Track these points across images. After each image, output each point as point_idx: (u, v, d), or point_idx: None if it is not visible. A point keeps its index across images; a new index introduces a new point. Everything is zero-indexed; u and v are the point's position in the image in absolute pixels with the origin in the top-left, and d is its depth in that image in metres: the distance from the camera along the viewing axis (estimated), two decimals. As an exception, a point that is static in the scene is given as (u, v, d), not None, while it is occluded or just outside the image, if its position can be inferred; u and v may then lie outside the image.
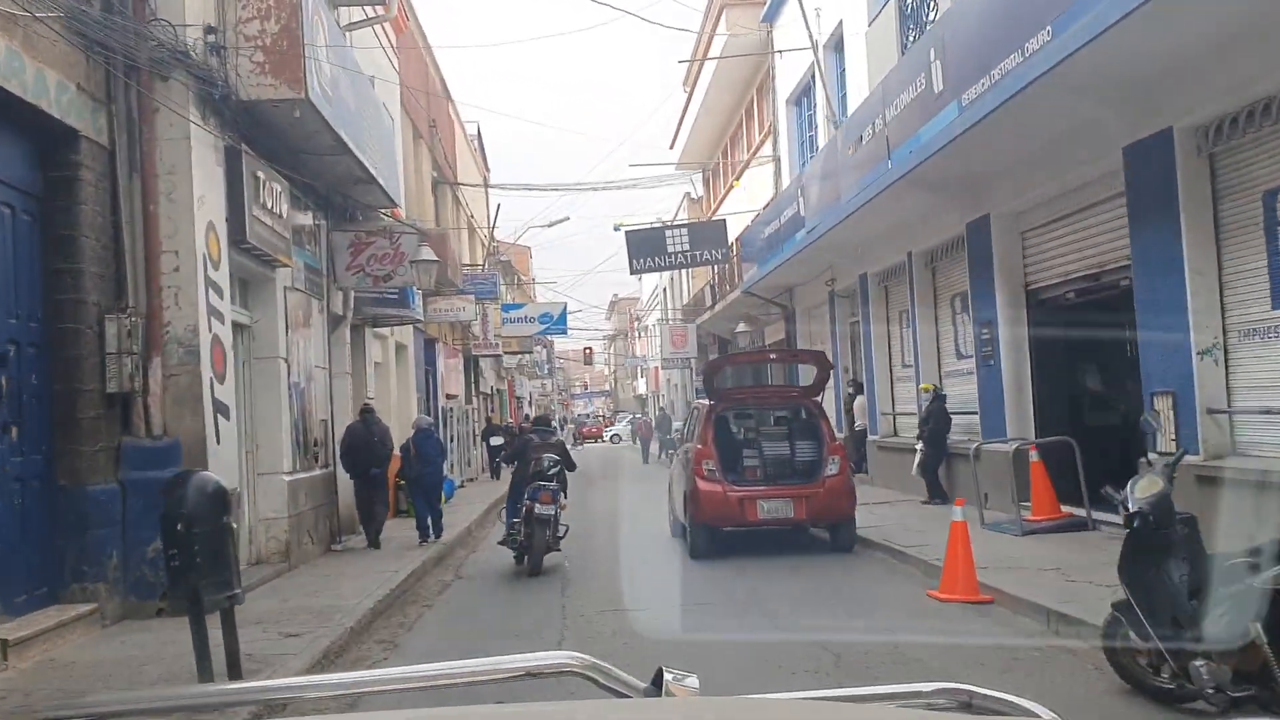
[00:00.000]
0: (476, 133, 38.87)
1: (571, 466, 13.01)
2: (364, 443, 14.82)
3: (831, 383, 16.20)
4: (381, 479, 15.18)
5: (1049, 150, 11.66)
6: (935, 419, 14.90)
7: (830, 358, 22.47)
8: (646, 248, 27.61)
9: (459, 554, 14.62)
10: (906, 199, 14.26)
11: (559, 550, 12.05)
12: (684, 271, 40.00)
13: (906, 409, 17.13)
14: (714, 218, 29.86)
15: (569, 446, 14.77)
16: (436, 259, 14.65)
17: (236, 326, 11.41)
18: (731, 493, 11.46)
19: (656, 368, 54.27)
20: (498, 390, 41.07)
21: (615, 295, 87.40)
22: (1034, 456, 11.84)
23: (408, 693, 1.66)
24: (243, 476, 11.68)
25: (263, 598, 10.05)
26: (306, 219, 13.41)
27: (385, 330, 18.54)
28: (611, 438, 56.34)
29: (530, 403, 58.42)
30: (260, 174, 10.75)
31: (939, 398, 15.07)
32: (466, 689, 1.74)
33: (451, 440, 25.74)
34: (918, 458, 14.99)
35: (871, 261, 18.23)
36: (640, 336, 67.68)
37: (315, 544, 13.05)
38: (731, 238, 27.51)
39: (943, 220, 14.84)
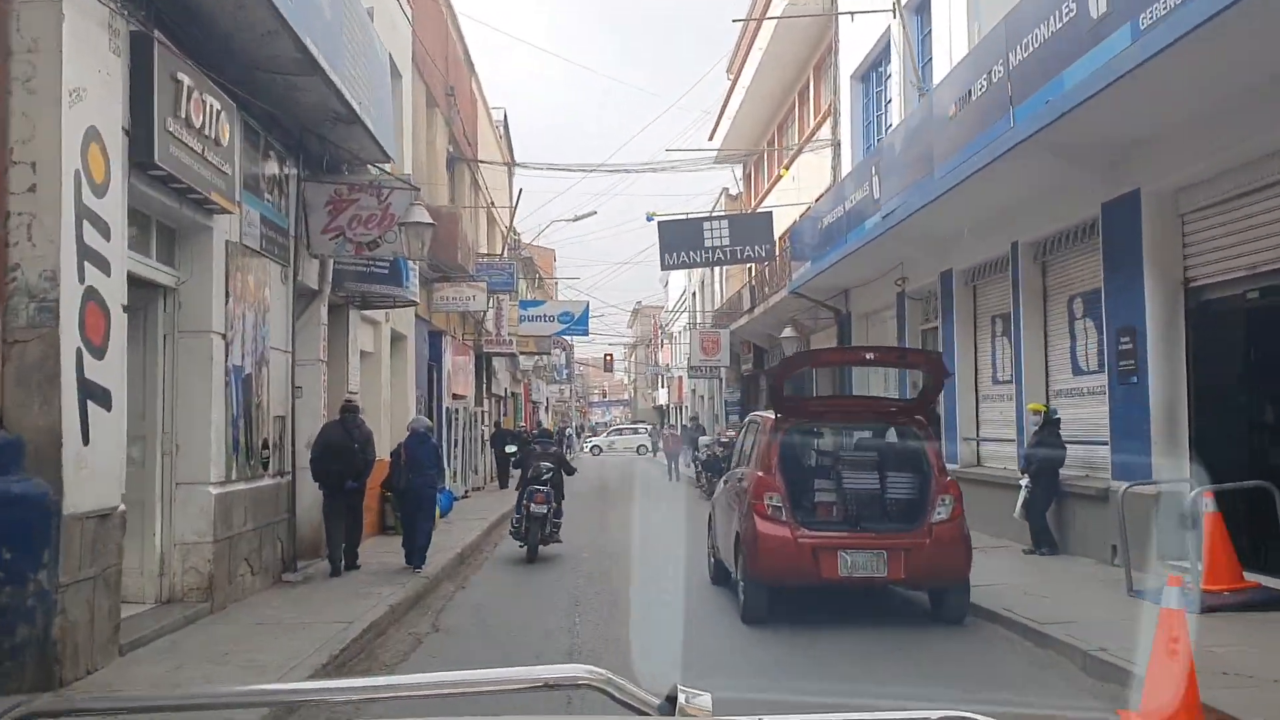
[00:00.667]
0: (503, 118, 36.12)
1: (570, 471, 15.29)
2: (341, 448, 12.05)
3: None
4: (359, 494, 12.34)
5: (1244, 100, 8.67)
6: (1047, 448, 11.87)
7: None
8: (681, 241, 24.67)
9: (445, 590, 11.68)
10: (1027, 170, 11.29)
11: (559, 541, 14.26)
12: (717, 274, 37.06)
13: (997, 434, 14.08)
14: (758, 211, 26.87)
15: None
16: (431, 221, 11.73)
17: (149, 286, 8.53)
18: (803, 539, 8.45)
19: (681, 377, 51.28)
20: (512, 394, 38.19)
21: (639, 303, 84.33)
22: (1209, 506, 8.78)
23: (422, 700, 1.68)
24: (158, 488, 8.80)
25: (147, 661, 7.13)
26: (269, 162, 10.53)
27: (377, 315, 15.65)
28: (638, 449, 53.22)
29: (548, 408, 55.52)
30: (186, 79, 7.87)
31: (1051, 422, 12.04)
32: (478, 699, 1.68)
33: (456, 445, 22.85)
34: (1022, 496, 11.95)
35: (959, 255, 15.21)
36: (665, 344, 64.72)
37: (258, 574, 10.13)
38: (778, 233, 24.55)
39: (1068, 200, 11.83)
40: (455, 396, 23.84)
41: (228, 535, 9.25)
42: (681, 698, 1.61)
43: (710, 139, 34.67)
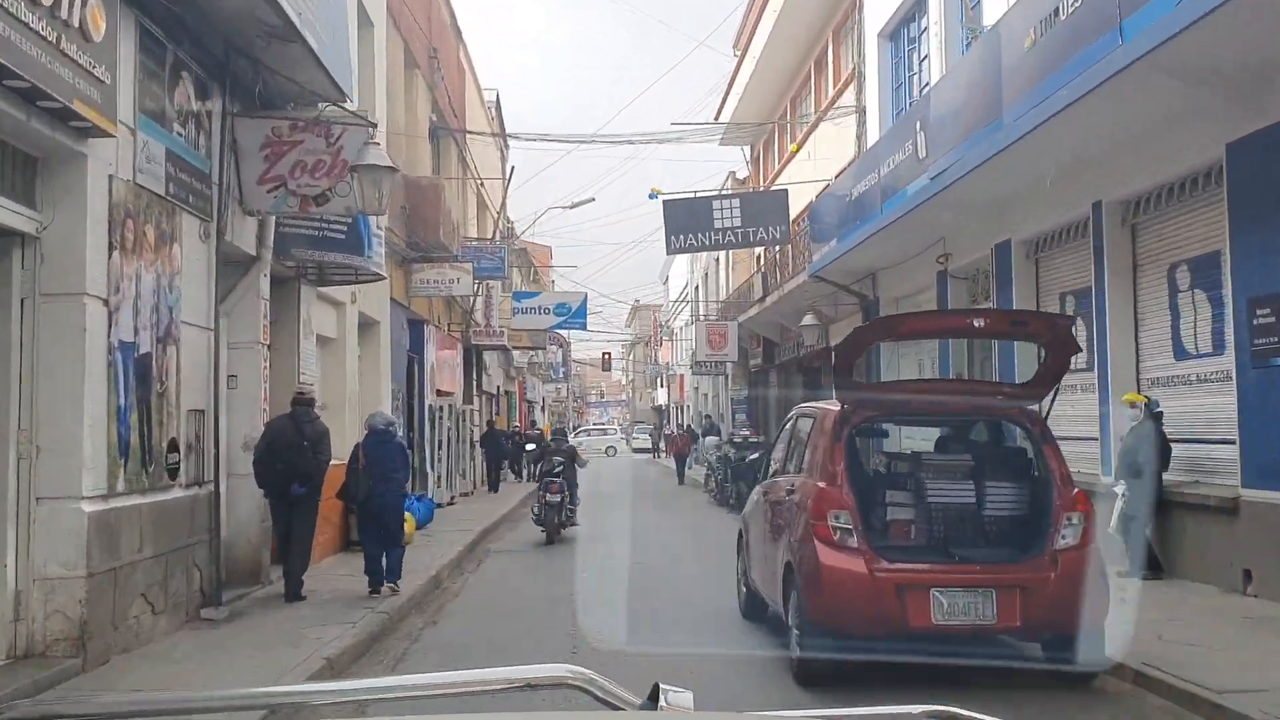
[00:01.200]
0: (495, 100, 33.88)
1: (582, 464, 17.19)
2: (288, 446, 9.88)
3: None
4: (309, 501, 10.15)
5: None
6: (1148, 448, 9.61)
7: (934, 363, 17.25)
8: (688, 222, 22.40)
9: (410, 627, 9.41)
10: (1130, 104, 9.05)
11: (575, 524, 16.30)
12: (723, 264, 34.79)
13: (1075, 432, 11.80)
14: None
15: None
16: (391, 165, 9.41)
17: (-12, 228, 6.27)
18: (883, 573, 6.17)
19: (683, 375, 49.02)
20: (506, 392, 35.92)
21: (637, 300, 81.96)
22: None
23: (408, 701, 1.70)
24: (10, 504, 6.54)
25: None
26: (181, 85, 8.26)
27: (340, 294, 13.37)
28: (606, 450, 51.47)
29: (544, 408, 53.24)
30: (25, -66, 5.59)
31: (1154, 416, 9.78)
32: (464, 699, 1.71)
33: (440, 446, 20.57)
34: (1119, 506, 9.66)
35: (1021, 222, 12.98)
36: (665, 342, 62.43)
37: (163, 613, 7.86)
38: (793, 213, 22.30)
39: (1174, 143, 9.59)
40: (440, 393, 21.57)
41: (112, 566, 6.97)
42: (663, 696, 1.62)
43: (717, 118, 32.41)
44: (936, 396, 7.05)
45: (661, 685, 1.63)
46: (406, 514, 13.97)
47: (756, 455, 17.98)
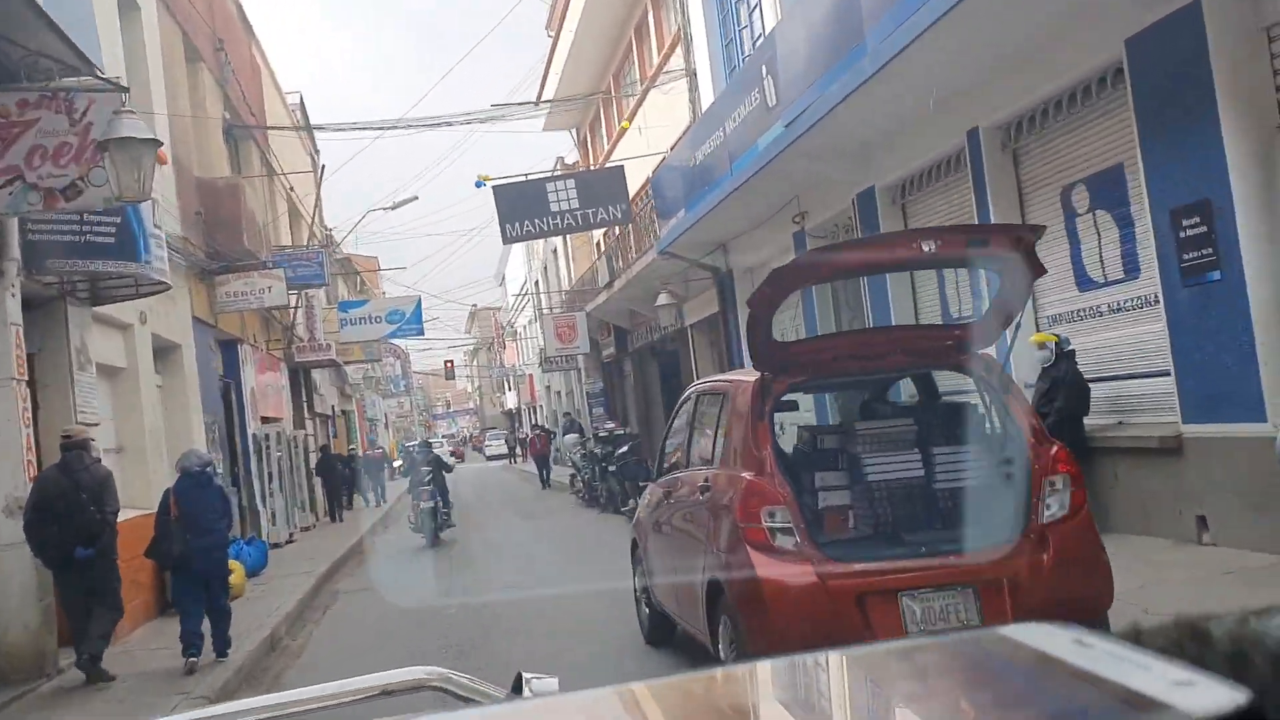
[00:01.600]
0: (299, 103, 31.44)
1: (448, 469, 18.11)
2: (61, 500, 8.00)
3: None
4: (103, 563, 8.30)
5: None
6: (1069, 390, 8.61)
7: (780, 325, 16.18)
8: (523, 208, 20.81)
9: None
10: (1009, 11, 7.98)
11: (453, 526, 17.31)
12: (562, 254, 33.27)
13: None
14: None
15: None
16: (153, 136, 7.50)
17: None
18: (836, 580, 4.79)
19: (531, 376, 47.35)
20: (343, 412, 33.54)
21: (474, 306, 79.57)
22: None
23: None
24: None
25: None
26: None
27: (125, 314, 11.27)
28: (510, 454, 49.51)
29: (387, 425, 50.69)
30: None
31: (1065, 355, 8.80)
32: (322, 714, 1.63)
33: (272, 479, 18.40)
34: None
35: (884, 168, 11.94)
36: (509, 343, 60.58)
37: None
38: (632, 190, 21.00)
39: (1062, 51, 8.59)
40: (266, 420, 19.38)
41: None
42: (527, 685, 1.59)
43: (538, 101, 30.83)
44: (871, 348, 5.73)
45: (524, 674, 1.61)
46: (233, 563, 12.03)
47: (626, 448, 16.62)
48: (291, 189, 24.65)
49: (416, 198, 30.49)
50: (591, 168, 28.10)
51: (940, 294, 11.68)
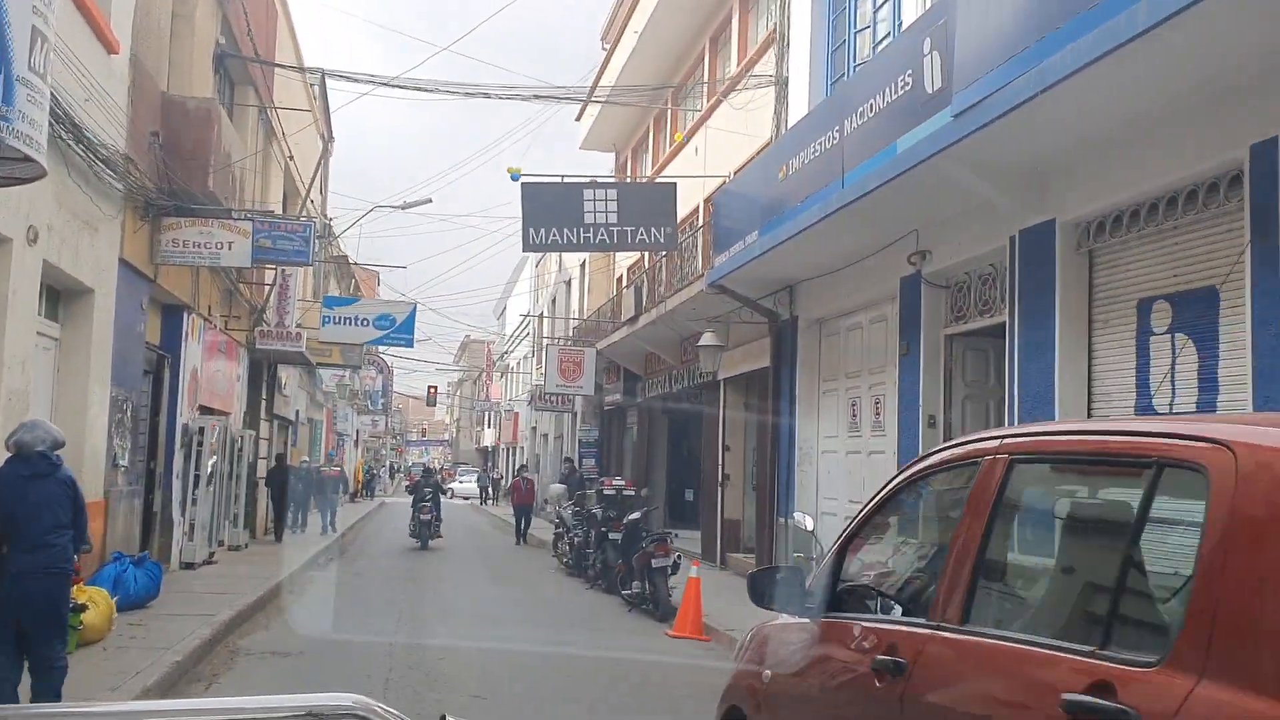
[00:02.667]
0: (320, 81, 28.33)
1: (444, 492, 25.29)
2: None
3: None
4: None
5: None
6: None
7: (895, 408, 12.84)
8: (553, 212, 17.55)
9: None
10: None
11: (440, 536, 21.55)
12: (577, 285, 29.90)
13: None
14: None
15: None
16: None
17: None
18: None
19: (517, 414, 43.76)
20: (310, 419, 29.90)
21: (467, 336, 76.18)
22: None
23: None
24: None
25: None
26: None
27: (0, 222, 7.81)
28: (481, 495, 45.63)
29: (357, 442, 46.91)
30: None
31: None
32: None
33: (199, 483, 14.79)
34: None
35: (1072, 194, 8.62)
36: (499, 378, 57.07)
37: None
38: (683, 211, 17.76)
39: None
40: (206, 410, 15.82)
41: None
42: None
43: (578, 118, 27.73)
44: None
45: (448, 715, 1.70)
46: (95, 592, 8.50)
47: (638, 515, 13.12)
48: (290, 158, 21.31)
49: (430, 200, 27.33)
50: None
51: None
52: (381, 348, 49.49)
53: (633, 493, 14.53)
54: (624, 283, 25.87)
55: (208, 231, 12.23)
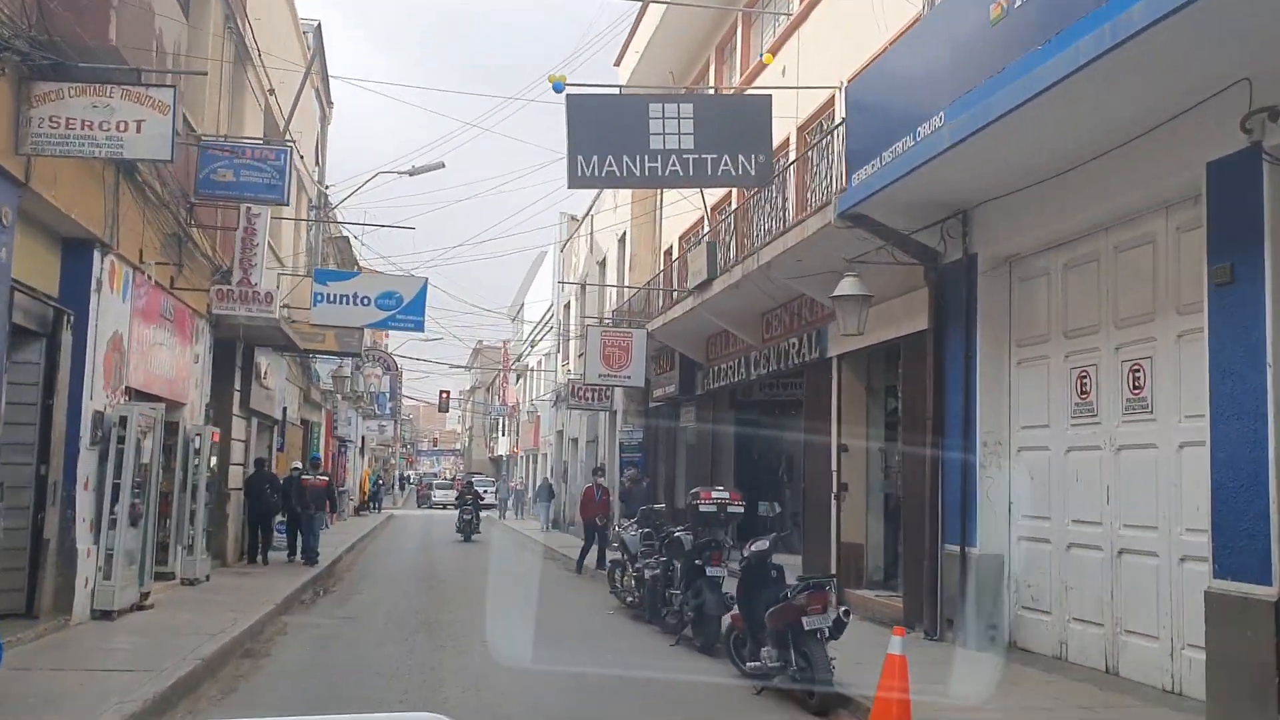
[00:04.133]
0: (316, 29, 24.13)
1: (481, 498, 29.19)
2: None
3: None
4: None
5: None
6: None
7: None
8: (608, 136, 13.16)
9: None
10: None
11: (479, 533, 26.34)
12: (612, 265, 25.31)
13: None
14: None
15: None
16: None
17: None
18: None
19: (539, 418, 39.17)
20: (305, 420, 25.39)
21: (480, 342, 71.61)
22: None
23: None
24: None
25: None
26: None
27: None
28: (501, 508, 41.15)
29: (363, 449, 42.36)
30: None
31: None
32: None
33: (120, 495, 10.24)
34: None
35: None
36: (516, 381, 52.61)
37: None
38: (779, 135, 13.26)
39: None
40: (144, 396, 11.33)
41: None
42: None
43: (617, 63, 23.28)
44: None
45: None
46: None
47: (765, 546, 8.54)
48: (271, 92, 16.83)
49: (442, 164, 22.87)
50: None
51: None
52: (387, 343, 44.87)
53: (740, 508, 9.90)
54: (673, 255, 21.33)
55: (105, 105, 7.73)
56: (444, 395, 55.30)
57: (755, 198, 14.44)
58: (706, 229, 17.96)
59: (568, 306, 32.04)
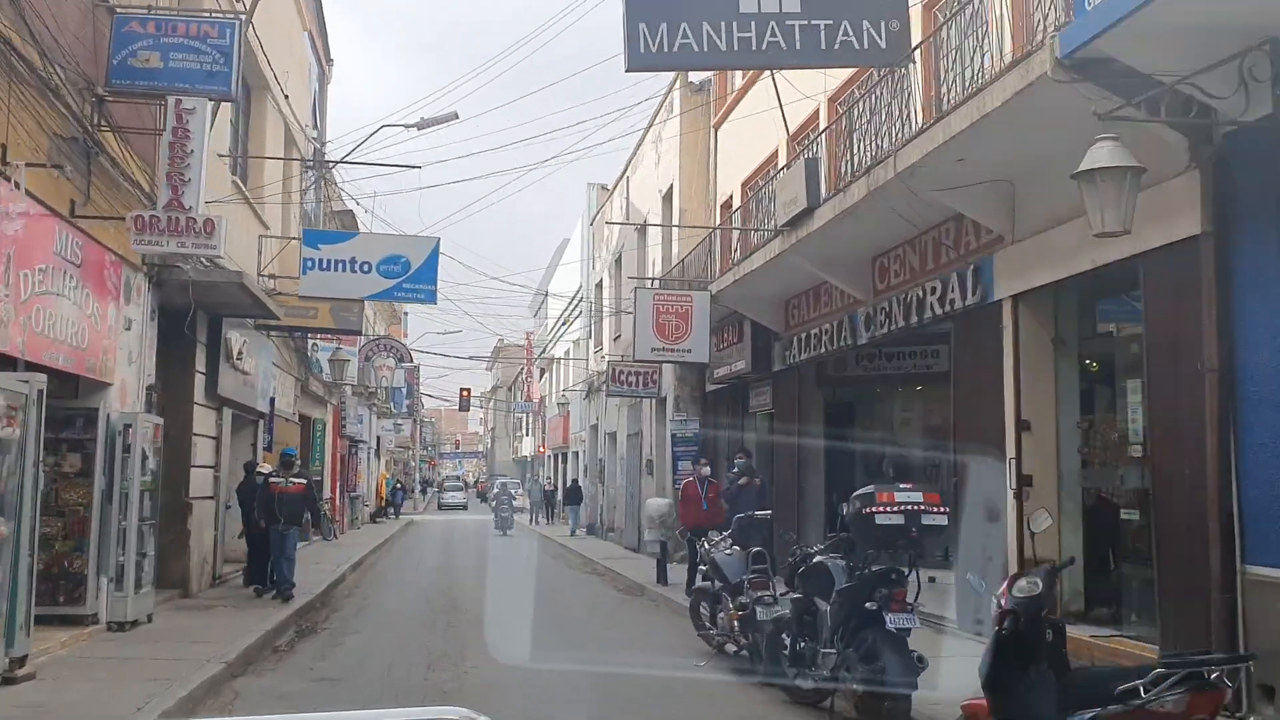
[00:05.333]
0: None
1: (513, 498, 31.72)
2: None
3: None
4: None
5: None
6: None
7: None
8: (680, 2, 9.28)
9: None
10: None
11: (512, 527, 29.66)
12: (656, 236, 21.43)
13: None
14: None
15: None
16: None
17: None
18: None
19: (567, 414, 35.38)
20: (304, 418, 21.71)
21: (501, 340, 68.04)
22: None
23: None
24: None
25: None
26: None
27: None
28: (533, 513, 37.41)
29: (379, 451, 38.66)
30: None
31: None
32: None
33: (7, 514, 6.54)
34: None
35: None
36: (540, 377, 49.02)
37: None
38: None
39: None
40: (32, 366, 7.63)
41: None
42: None
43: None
44: None
45: None
46: None
47: (1036, 585, 4.63)
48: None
49: (455, 115, 19.22)
50: (730, 95, 16.52)
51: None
52: (406, 332, 41.18)
53: (942, 518, 6.09)
54: (733, 204, 17.50)
55: None
56: (464, 393, 51.71)
57: (878, 86, 10.59)
58: (782, 163, 14.14)
59: (599, 286, 28.26)
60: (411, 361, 32.42)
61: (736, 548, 8.99)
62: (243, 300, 12.47)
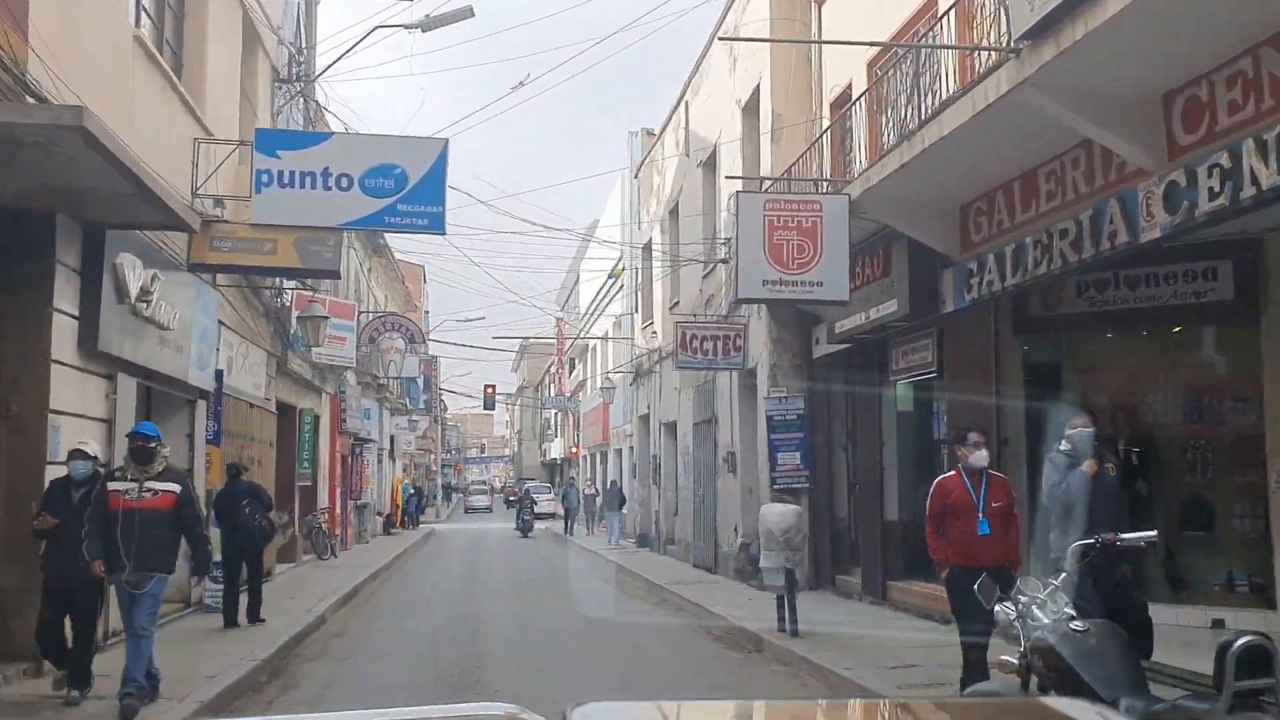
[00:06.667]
0: None
1: (535, 502, 33.58)
2: None
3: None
4: None
5: None
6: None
7: None
8: None
9: None
10: None
11: (533, 529, 30.40)
12: (745, 138, 16.20)
13: None
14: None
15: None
16: None
17: None
18: None
19: (606, 405, 30.25)
20: (289, 406, 16.78)
21: (524, 340, 62.92)
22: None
23: None
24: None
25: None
26: None
27: None
28: (568, 520, 32.17)
29: (393, 456, 33.73)
30: None
31: None
32: None
33: None
34: None
35: None
36: (572, 372, 44.23)
37: None
38: None
39: None
40: None
41: None
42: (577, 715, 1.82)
43: None
44: None
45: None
46: None
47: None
48: None
49: (470, 10, 14.50)
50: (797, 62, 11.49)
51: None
52: (428, 314, 36.12)
53: None
54: (851, 94, 12.31)
55: None
56: (489, 390, 46.92)
57: None
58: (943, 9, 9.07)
59: (647, 248, 23.21)
60: (425, 344, 27.45)
61: (1091, 619, 3.91)
62: (122, 191, 7.50)
